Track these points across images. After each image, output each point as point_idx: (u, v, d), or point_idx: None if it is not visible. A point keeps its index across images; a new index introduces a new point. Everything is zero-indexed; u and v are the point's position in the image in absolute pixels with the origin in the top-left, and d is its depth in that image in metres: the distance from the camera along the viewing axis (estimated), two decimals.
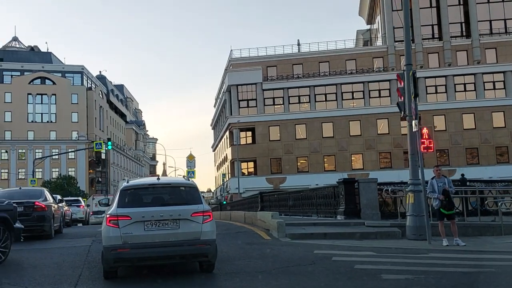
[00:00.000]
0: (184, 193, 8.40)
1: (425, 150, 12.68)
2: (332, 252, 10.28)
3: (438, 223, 11.81)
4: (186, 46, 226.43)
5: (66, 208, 20.67)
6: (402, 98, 13.04)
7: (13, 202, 10.81)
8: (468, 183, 15.92)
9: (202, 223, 7.90)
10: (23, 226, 10.92)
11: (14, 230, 10.12)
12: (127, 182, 8.52)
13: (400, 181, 21.34)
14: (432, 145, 12.67)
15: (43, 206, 14.45)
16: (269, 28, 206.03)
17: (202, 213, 7.95)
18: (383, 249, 10.91)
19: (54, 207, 15.78)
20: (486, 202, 15.25)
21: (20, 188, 17.23)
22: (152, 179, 8.97)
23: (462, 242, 11.50)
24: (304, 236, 12.68)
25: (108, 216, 7.92)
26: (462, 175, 15.64)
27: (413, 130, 12.22)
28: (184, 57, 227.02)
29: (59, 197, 18.24)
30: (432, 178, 11.85)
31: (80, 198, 35.92)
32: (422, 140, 12.56)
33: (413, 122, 12.12)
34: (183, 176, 13.45)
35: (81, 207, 29.99)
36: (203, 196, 8.92)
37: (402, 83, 13.05)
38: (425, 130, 12.66)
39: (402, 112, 13.01)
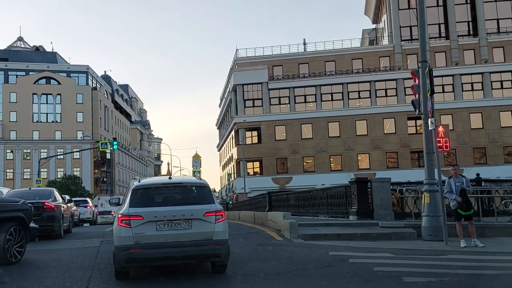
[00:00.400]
0: (196, 192, 8.26)
1: (441, 149, 12.38)
2: (348, 254, 10.00)
3: (456, 224, 11.50)
4: (191, 46, 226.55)
5: (74, 208, 20.82)
6: (417, 95, 12.74)
7: None
8: (483, 183, 15.62)
9: (215, 223, 7.78)
10: (38, 226, 10.91)
11: (29, 230, 10.08)
12: (139, 182, 8.37)
13: (407, 181, 21.08)
14: (448, 144, 12.40)
15: (53, 206, 14.51)
16: (274, 27, 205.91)
17: (214, 212, 7.83)
18: (400, 250, 10.62)
19: (63, 207, 15.87)
20: (503, 202, 14.93)
21: (30, 188, 17.55)
22: (163, 179, 8.83)
23: (480, 243, 11.19)
24: (317, 237, 12.39)
25: (120, 216, 7.79)
26: (477, 174, 15.32)
27: (429, 129, 11.90)
28: (189, 57, 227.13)
29: (67, 197, 18.28)
30: (450, 178, 11.55)
31: (88, 199, 36.06)
32: (438, 139, 12.29)
33: (429, 120, 11.80)
34: (195, 176, 13.54)
35: (89, 207, 30.14)
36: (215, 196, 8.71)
37: (417, 81, 12.75)
38: (440, 129, 12.34)
39: (417, 110, 12.70)
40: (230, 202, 51.89)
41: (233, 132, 61.46)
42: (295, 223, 12.54)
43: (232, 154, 63.96)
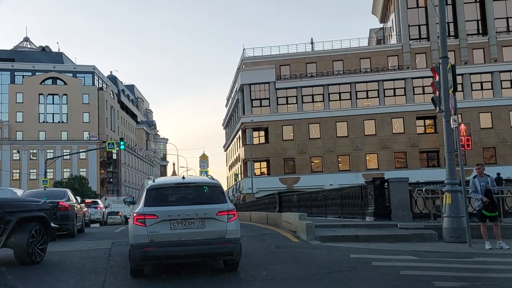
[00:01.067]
0: (209, 192, 8.36)
1: (463, 148, 11.97)
2: (370, 257, 9.60)
3: (480, 225, 11.07)
4: (197, 46, 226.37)
5: (85, 209, 21.52)
6: (438, 92, 12.34)
7: None
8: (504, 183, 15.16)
9: (227, 222, 7.93)
10: (57, 226, 11.14)
11: (51, 230, 10.15)
12: (153, 181, 8.49)
13: (416, 181, 20.55)
14: (470, 142, 11.99)
15: (67, 205, 15.02)
16: (279, 27, 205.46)
17: (227, 212, 7.99)
18: (423, 252, 10.21)
19: (77, 207, 16.55)
20: None
21: (45, 189, 18.45)
22: (177, 178, 8.98)
23: (506, 245, 10.77)
24: (335, 238, 11.98)
25: (135, 214, 7.94)
26: (498, 174, 14.89)
27: (452, 127, 11.49)
28: (195, 57, 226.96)
29: (79, 199, 18.86)
30: (474, 177, 11.13)
31: (98, 200, 36.71)
32: (460, 137, 11.87)
33: (452, 118, 11.39)
34: (208, 175, 13.94)
35: (99, 208, 30.85)
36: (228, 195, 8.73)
37: (437, 77, 12.35)
38: (462, 127, 11.92)
39: (438, 108, 12.29)
40: (238, 203, 51.50)
41: (240, 132, 61.06)
42: (312, 224, 12.15)
43: (239, 154, 63.58)
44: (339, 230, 13.00)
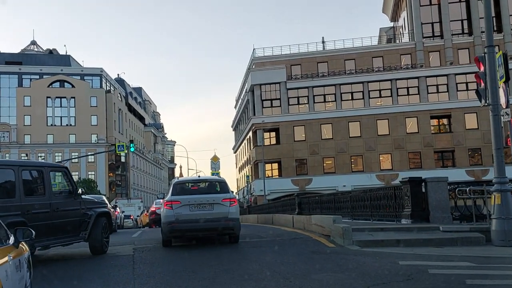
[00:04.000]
0: (217, 185, 12.17)
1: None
2: (422, 263, 8.70)
3: None
4: (205, 48, 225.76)
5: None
6: (483, 84, 11.43)
7: None
8: None
9: (229, 206, 11.38)
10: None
11: (112, 224, 12.07)
12: (178, 179, 13.01)
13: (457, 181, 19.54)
14: None
15: None
16: (288, 27, 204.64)
17: (229, 199, 11.51)
18: (478, 258, 9.29)
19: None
20: None
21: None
22: (195, 177, 14.67)
23: None
24: (374, 243, 11.07)
25: (165, 201, 11.60)
26: None
27: (503, 120, 10.61)
28: (202, 59, 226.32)
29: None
30: None
31: (117, 205, 36.87)
32: (508, 133, 10.98)
33: (504, 111, 10.52)
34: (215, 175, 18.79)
35: (117, 213, 30.82)
36: (232, 191, 12.60)
37: (482, 68, 11.45)
38: None
39: (483, 101, 11.38)
40: (250, 205, 50.59)
41: (250, 133, 60.17)
42: (349, 228, 11.26)
43: (249, 155, 62.67)
44: (377, 234, 12.08)
